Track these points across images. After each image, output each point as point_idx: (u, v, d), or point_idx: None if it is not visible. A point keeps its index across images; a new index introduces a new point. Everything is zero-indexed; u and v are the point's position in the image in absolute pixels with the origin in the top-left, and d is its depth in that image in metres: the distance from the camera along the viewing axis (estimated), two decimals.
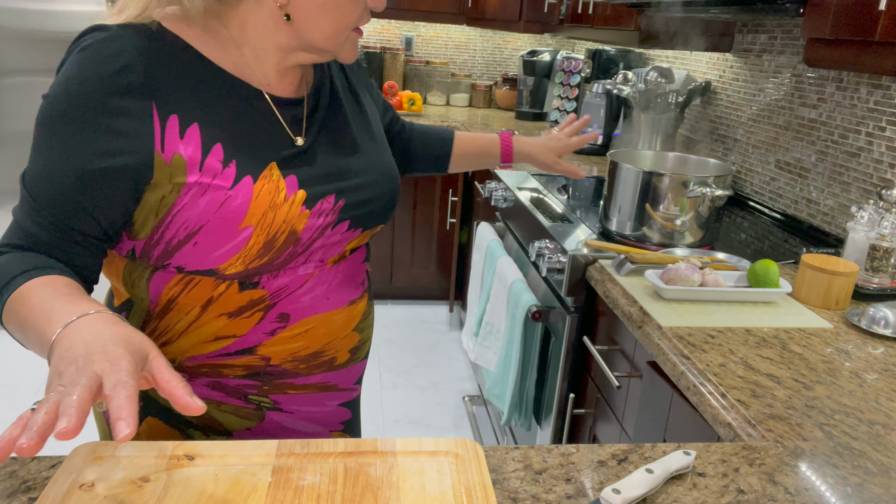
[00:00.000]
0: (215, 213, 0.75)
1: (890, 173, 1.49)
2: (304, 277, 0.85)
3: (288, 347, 0.87)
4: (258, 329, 0.85)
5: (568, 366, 1.51)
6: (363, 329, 0.97)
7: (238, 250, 0.77)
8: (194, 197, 0.75)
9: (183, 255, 0.78)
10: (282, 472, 0.65)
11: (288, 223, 0.78)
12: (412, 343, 3.08)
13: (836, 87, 1.67)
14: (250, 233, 0.76)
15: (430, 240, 3.34)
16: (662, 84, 2.19)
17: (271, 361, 0.87)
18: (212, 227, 0.75)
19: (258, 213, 0.76)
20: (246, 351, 0.86)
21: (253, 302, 0.83)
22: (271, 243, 0.78)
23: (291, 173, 0.80)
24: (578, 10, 2.67)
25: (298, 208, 0.79)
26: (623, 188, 1.50)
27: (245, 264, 0.79)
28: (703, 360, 0.99)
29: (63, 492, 0.61)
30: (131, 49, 0.73)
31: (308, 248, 0.82)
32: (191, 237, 0.76)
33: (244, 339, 0.85)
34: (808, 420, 0.86)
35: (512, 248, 1.98)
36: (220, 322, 0.83)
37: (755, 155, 2.00)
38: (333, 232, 0.84)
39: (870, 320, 1.14)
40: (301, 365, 0.89)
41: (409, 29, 3.76)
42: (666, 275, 1.22)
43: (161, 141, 0.74)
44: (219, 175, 0.75)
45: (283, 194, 0.78)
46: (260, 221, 0.77)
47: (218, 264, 0.78)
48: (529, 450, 0.74)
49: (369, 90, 1.03)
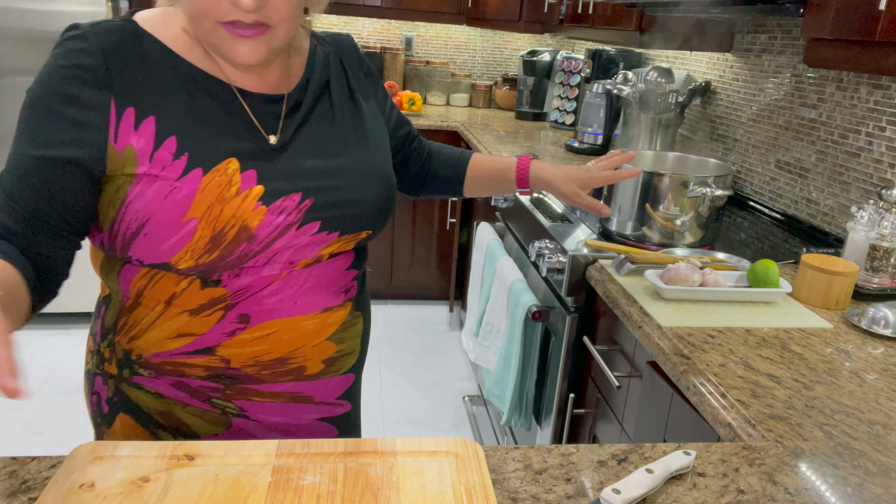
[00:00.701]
0: (161, 204, 0.75)
1: (890, 173, 1.49)
2: (268, 279, 0.83)
3: (248, 350, 0.85)
4: (217, 329, 0.83)
5: (568, 366, 1.51)
6: (343, 340, 0.92)
7: (184, 243, 0.76)
8: (143, 188, 0.75)
9: (137, 248, 0.78)
10: (282, 472, 0.65)
11: (238, 218, 0.77)
12: (412, 343, 3.08)
13: (836, 87, 1.67)
14: (195, 225, 0.76)
15: (430, 240, 3.34)
16: (662, 84, 2.19)
17: (231, 364, 0.85)
18: (158, 218, 0.76)
19: (203, 206, 0.76)
20: (205, 351, 0.84)
21: (214, 300, 0.82)
22: (219, 238, 0.77)
23: (252, 168, 0.79)
24: (578, 10, 2.67)
25: (253, 203, 0.78)
26: (623, 188, 1.50)
27: (195, 259, 0.78)
28: (703, 360, 0.99)
29: (63, 492, 0.61)
30: (96, 46, 0.76)
31: (267, 246, 0.80)
32: (141, 229, 0.77)
33: (203, 339, 0.84)
34: (808, 420, 0.86)
35: (512, 248, 1.98)
36: (182, 319, 0.83)
37: (755, 155, 2.00)
38: (299, 233, 0.82)
39: (870, 320, 1.14)
40: (264, 371, 0.87)
41: (409, 29, 3.76)
42: (666, 275, 1.22)
43: (115, 132, 0.75)
44: (168, 167, 0.76)
45: (235, 188, 0.77)
46: (205, 214, 0.76)
47: (168, 258, 0.78)
48: (529, 450, 0.74)
49: (376, 97, 1.00)
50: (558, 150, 2.71)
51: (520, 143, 2.77)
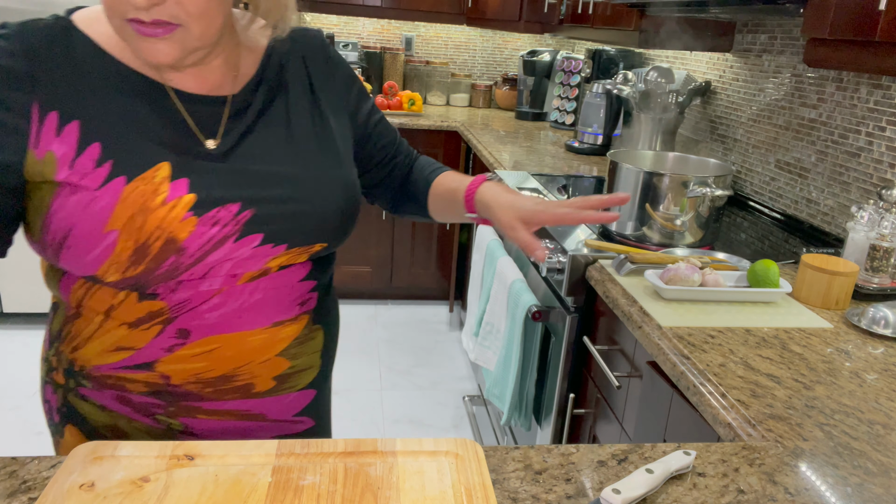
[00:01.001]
0: (81, 214, 0.71)
1: (890, 173, 1.49)
2: (208, 293, 0.77)
3: (188, 367, 0.80)
4: (155, 344, 0.79)
5: (568, 366, 1.51)
6: (297, 356, 0.87)
7: (107, 256, 0.72)
8: (65, 198, 0.72)
9: (65, 259, 0.74)
10: (282, 472, 0.65)
11: (163, 229, 0.72)
12: (412, 343, 3.08)
13: (836, 87, 1.67)
14: (116, 237, 0.71)
15: (430, 240, 3.34)
16: (662, 84, 2.19)
17: (171, 381, 0.81)
18: (79, 229, 0.71)
19: (123, 217, 0.71)
20: (144, 366, 0.80)
21: (152, 314, 0.77)
22: (143, 250, 0.72)
23: (185, 176, 0.74)
24: (578, 10, 2.67)
25: (181, 213, 0.73)
26: (623, 188, 1.50)
27: (120, 272, 0.73)
28: (703, 360, 0.99)
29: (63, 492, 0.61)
30: (19, 46, 0.72)
31: (200, 260, 0.75)
32: (65, 240, 0.72)
33: (141, 353, 0.79)
34: (808, 420, 0.86)
35: (512, 247, 1.98)
36: (121, 332, 0.79)
37: (755, 155, 2.00)
38: (238, 245, 0.76)
39: (870, 320, 1.14)
40: (207, 388, 0.82)
41: (409, 29, 3.76)
42: (666, 275, 1.22)
43: (36, 137, 0.72)
44: (88, 175, 0.72)
45: (161, 197, 0.73)
46: (126, 225, 0.71)
47: (94, 270, 0.73)
48: (529, 450, 0.74)
49: (345, 100, 0.92)
50: (558, 150, 2.71)
51: (520, 143, 2.77)
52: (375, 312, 3.33)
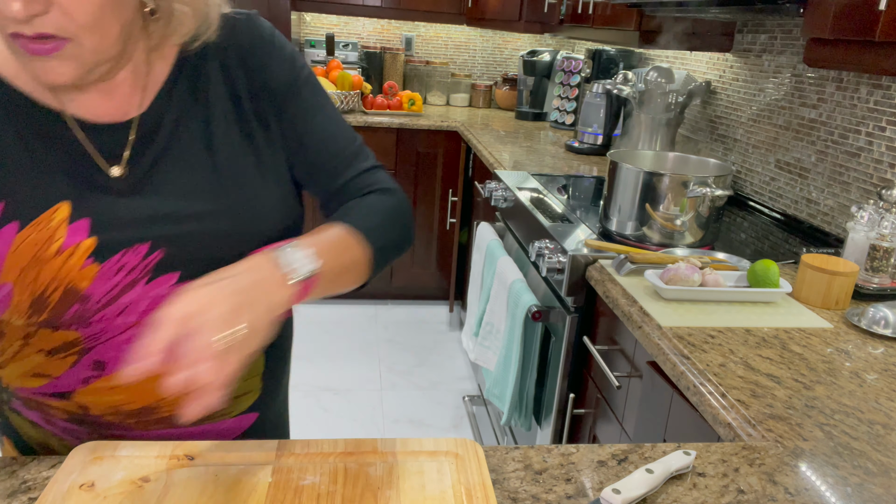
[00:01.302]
0: None
1: (890, 173, 1.49)
2: (124, 325, 0.70)
3: (106, 399, 0.74)
4: (72, 374, 0.72)
5: (568, 366, 1.51)
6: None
7: (4, 308, 0.66)
8: None
9: None
10: (282, 472, 0.65)
11: (60, 280, 0.65)
12: (412, 343, 3.08)
13: (836, 87, 1.67)
14: (10, 290, 0.65)
15: (430, 240, 3.34)
16: (662, 84, 2.19)
17: (90, 411, 0.75)
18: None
19: (15, 269, 0.64)
20: (61, 395, 0.74)
21: (67, 344, 0.71)
22: (41, 302, 0.66)
23: (87, 216, 0.66)
24: (578, 10, 2.67)
25: (79, 262, 0.66)
26: (623, 188, 1.50)
27: (24, 318, 0.67)
28: (703, 360, 0.99)
29: (63, 492, 0.61)
30: None
31: (110, 304, 0.68)
32: None
33: (59, 382, 0.73)
34: (808, 420, 0.86)
35: (512, 248, 1.98)
36: (38, 358, 0.72)
37: (755, 155, 2.00)
38: (152, 286, 0.69)
39: (870, 320, 1.14)
40: (129, 419, 0.75)
41: (409, 29, 3.76)
42: (666, 275, 1.22)
43: None
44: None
45: (56, 245, 0.65)
46: (19, 278, 0.64)
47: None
48: (529, 450, 0.74)
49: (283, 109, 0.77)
50: (558, 150, 2.71)
51: (520, 143, 2.77)
52: (375, 312, 3.33)
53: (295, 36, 3.32)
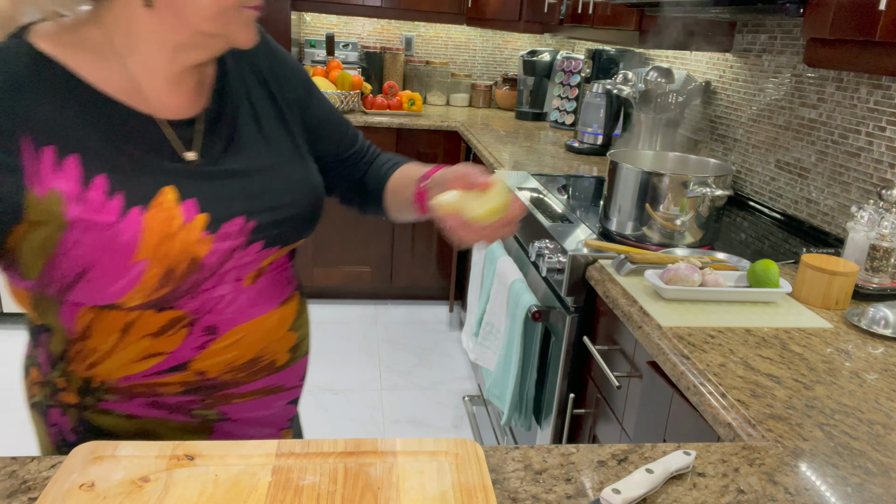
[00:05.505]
0: (104, 250, 0.70)
1: (890, 173, 1.49)
2: (219, 298, 0.80)
3: (221, 359, 0.83)
4: (187, 344, 0.80)
5: (568, 366, 1.51)
6: (299, 327, 0.92)
7: (135, 284, 0.72)
8: (79, 234, 0.69)
9: (78, 293, 0.73)
10: (282, 472, 0.65)
11: (187, 251, 0.74)
12: (412, 343, 3.08)
13: (836, 87, 1.67)
14: (145, 266, 0.72)
15: (430, 240, 3.34)
16: (662, 84, 2.19)
17: (207, 375, 0.83)
18: (103, 264, 0.70)
19: (151, 245, 0.71)
20: (178, 368, 0.81)
21: (174, 320, 0.78)
22: (171, 273, 0.74)
23: (191, 197, 0.75)
24: (578, 10, 2.67)
25: (198, 234, 0.75)
26: (623, 188, 1.50)
27: (146, 296, 0.74)
28: (703, 360, 0.99)
29: (63, 492, 0.61)
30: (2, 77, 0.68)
31: (215, 272, 0.78)
32: (83, 275, 0.71)
33: (174, 356, 0.80)
34: (808, 420, 0.86)
35: (512, 248, 1.98)
36: (145, 342, 0.79)
37: (755, 155, 2.00)
38: (245, 253, 0.80)
39: (870, 320, 1.14)
40: (240, 374, 0.85)
41: (409, 29, 3.76)
42: (666, 275, 1.22)
43: (34, 175, 0.68)
44: (103, 209, 0.70)
45: (178, 221, 0.73)
46: (155, 253, 0.72)
47: (116, 299, 0.73)
48: (529, 450, 0.74)
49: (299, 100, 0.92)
50: (558, 150, 2.71)
51: (520, 143, 2.77)
52: (375, 312, 3.33)
53: (295, 36, 3.32)
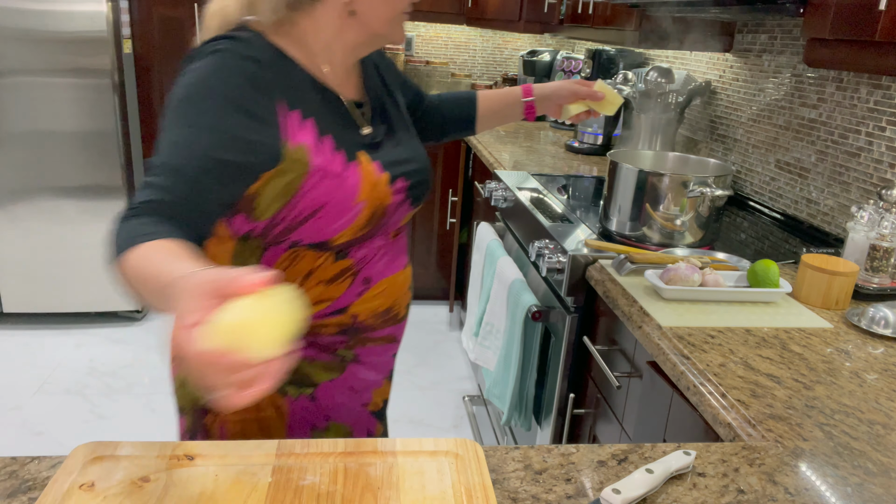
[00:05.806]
0: (335, 192, 0.89)
1: (890, 173, 1.49)
2: (377, 248, 0.99)
3: (371, 306, 1.01)
4: (349, 292, 0.98)
5: (568, 366, 1.51)
6: (411, 288, 1.12)
7: (351, 222, 0.92)
8: (317, 180, 0.88)
9: (303, 231, 0.91)
10: (282, 472, 0.65)
11: (383, 200, 0.94)
12: (412, 343, 3.08)
13: (836, 87, 1.67)
14: (362, 207, 0.91)
15: (430, 240, 3.34)
16: (662, 84, 2.19)
17: (358, 318, 1.01)
18: (333, 204, 0.89)
19: (367, 190, 0.91)
20: (339, 311, 0.99)
21: (344, 270, 0.97)
22: (373, 216, 0.93)
23: (377, 160, 0.95)
24: (578, 10, 2.67)
25: (386, 186, 0.94)
26: (623, 188, 1.50)
27: (352, 235, 0.93)
28: (703, 360, 0.99)
29: (63, 492, 0.61)
30: (260, 55, 0.87)
31: (388, 221, 0.97)
32: (315, 213, 0.90)
33: (338, 302, 0.98)
34: (808, 420, 0.86)
35: (512, 248, 1.98)
36: (319, 289, 0.96)
37: (755, 155, 2.00)
38: (401, 208, 0.99)
39: (870, 320, 1.14)
40: (378, 320, 1.03)
41: (409, 29, 3.76)
42: (666, 275, 1.22)
43: (287, 133, 0.87)
44: (332, 161, 0.89)
45: (375, 175, 0.93)
46: (369, 196, 0.91)
47: (332, 236, 0.92)
48: (529, 450, 0.74)
49: (401, 84, 1.15)
50: (558, 150, 2.71)
51: (520, 143, 2.77)
52: None
53: None
